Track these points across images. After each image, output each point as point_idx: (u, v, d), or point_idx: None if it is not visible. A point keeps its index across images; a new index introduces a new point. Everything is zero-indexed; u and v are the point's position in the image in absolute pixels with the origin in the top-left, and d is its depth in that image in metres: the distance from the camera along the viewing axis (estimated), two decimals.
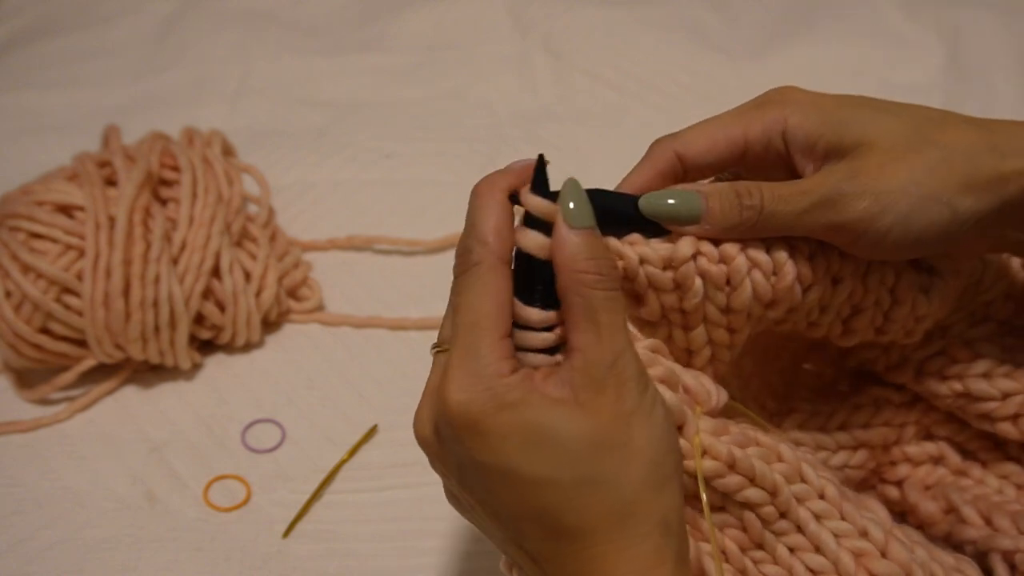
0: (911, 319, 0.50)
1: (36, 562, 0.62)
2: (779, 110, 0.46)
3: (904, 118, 0.45)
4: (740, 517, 0.45)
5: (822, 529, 0.44)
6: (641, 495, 0.39)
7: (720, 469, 0.43)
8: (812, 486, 0.45)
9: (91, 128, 0.86)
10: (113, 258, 0.69)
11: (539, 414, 0.39)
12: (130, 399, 0.74)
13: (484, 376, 0.39)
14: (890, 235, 0.43)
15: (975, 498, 0.54)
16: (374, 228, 0.87)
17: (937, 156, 0.44)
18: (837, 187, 0.43)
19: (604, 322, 0.40)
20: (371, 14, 1.18)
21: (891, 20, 1.09)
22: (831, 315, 0.49)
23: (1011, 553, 0.50)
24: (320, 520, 0.66)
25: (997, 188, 0.44)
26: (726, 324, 0.47)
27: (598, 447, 0.39)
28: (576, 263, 0.40)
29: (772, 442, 0.45)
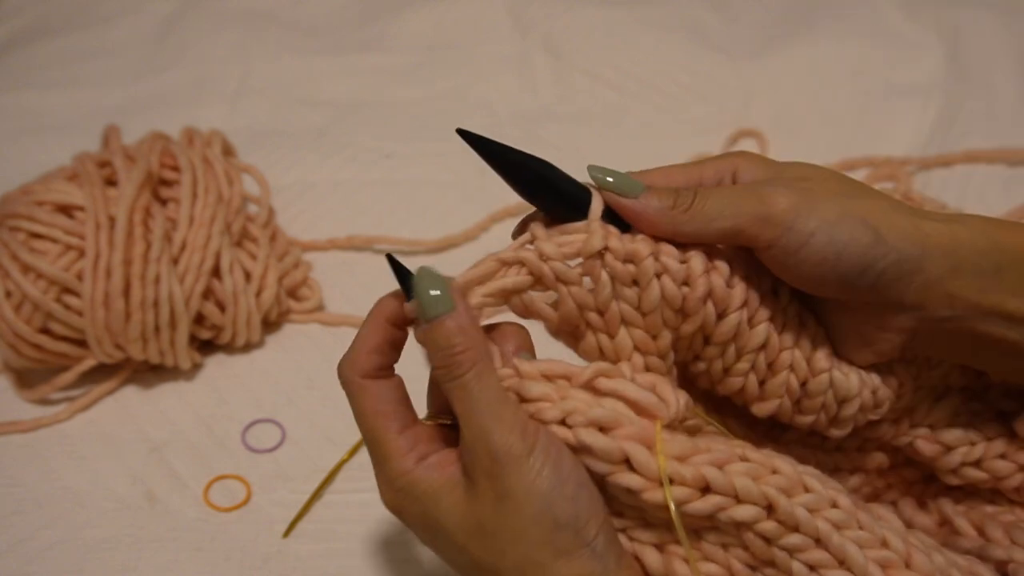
0: (831, 397, 0.48)
1: (36, 562, 0.62)
2: (732, 160, 0.48)
3: (838, 177, 0.47)
4: (739, 537, 0.43)
5: (845, 540, 0.42)
6: (530, 569, 0.41)
7: (689, 494, 0.42)
8: (820, 496, 0.43)
9: (91, 128, 0.86)
10: (113, 258, 0.69)
11: (431, 507, 0.44)
12: (130, 399, 0.74)
13: (392, 478, 0.45)
14: (814, 240, 0.43)
15: (968, 510, 0.54)
16: (374, 228, 0.87)
17: (862, 194, 0.46)
18: (766, 183, 0.46)
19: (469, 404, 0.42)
20: (371, 14, 1.18)
21: (891, 20, 1.09)
22: (747, 364, 0.48)
23: (1004, 564, 0.50)
24: (320, 520, 0.66)
25: (917, 235, 0.44)
26: (643, 325, 0.46)
27: (477, 535, 0.42)
28: (436, 360, 0.43)
29: (764, 457, 0.43)
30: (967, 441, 0.53)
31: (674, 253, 0.45)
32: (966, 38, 1.06)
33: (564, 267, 0.45)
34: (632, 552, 0.44)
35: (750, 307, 0.47)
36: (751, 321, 0.47)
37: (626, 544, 0.44)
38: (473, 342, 0.43)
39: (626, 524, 0.44)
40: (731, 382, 0.49)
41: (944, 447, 0.53)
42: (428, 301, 0.43)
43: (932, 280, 0.44)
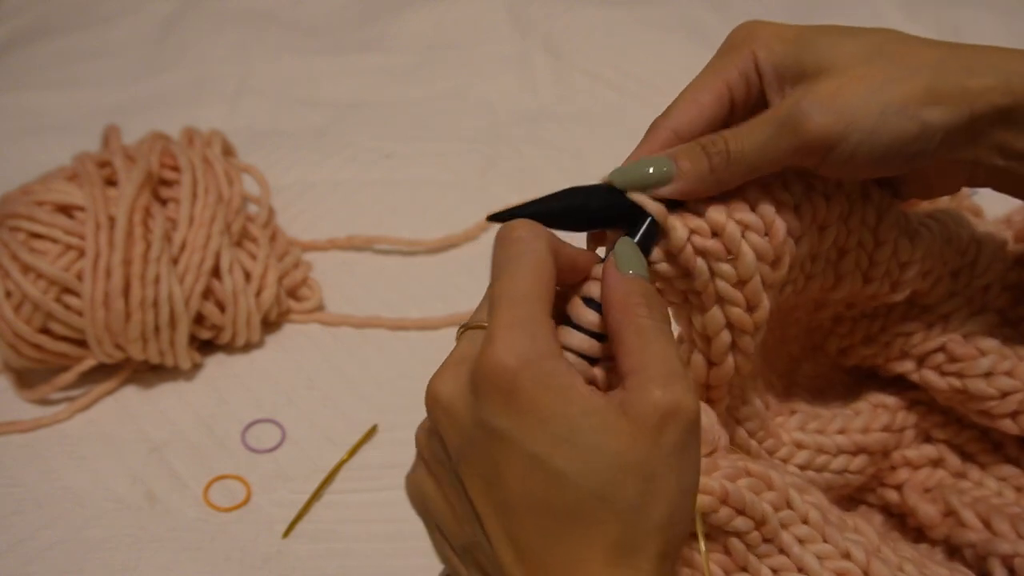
0: (894, 264, 0.50)
1: (36, 562, 0.62)
2: (747, 48, 0.46)
3: (865, 39, 0.45)
4: (724, 543, 0.46)
5: (805, 552, 0.45)
6: (654, 534, 0.37)
7: (713, 504, 0.44)
8: (797, 512, 0.46)
9: (91, 128, 0.86)
10: (113, 258, 0.69)
11: (583, 410, 0.37)
12: (130, 399, 0.74)
13: (538, 346, 0.37)
14: (859, 152, 0.43)
15: (974, 501, 0.54)
16: (374, 228, 0.87)
17: (899, 70, 0.43)
18: (795, 108, 0.43)
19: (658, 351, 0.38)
20: (371, 14, 1.18)
21: (891, 20, 1.09)
22: (821, 263, 0.49)
23: (1010, 557, 0.50)
24: (320, 520, 0.66)
25: (965, 102, 0.43)
26: (743, 302, 0.45)
27: (629, 472, 0.37)
28: (630, 299, 0.39)
29: (762, 470, 0.46)
30: (999, 352, 0.52)
31: (743, 206, 0.45)
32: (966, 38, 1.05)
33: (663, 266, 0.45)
34: None
35: (819, 217, 0.47)
36: (822, 226, 0.48)
37: None
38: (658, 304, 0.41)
39: None
40: (811, 284, 0.50)
41: (977, 350, 0.53)
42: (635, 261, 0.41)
43: (982, 135, 0.44)
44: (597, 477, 0.36)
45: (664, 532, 0.37)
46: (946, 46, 0.45)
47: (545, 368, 0.37)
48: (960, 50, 0.44)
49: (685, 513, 0.38)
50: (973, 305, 0.54)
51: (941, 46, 0.45)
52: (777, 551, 0.45)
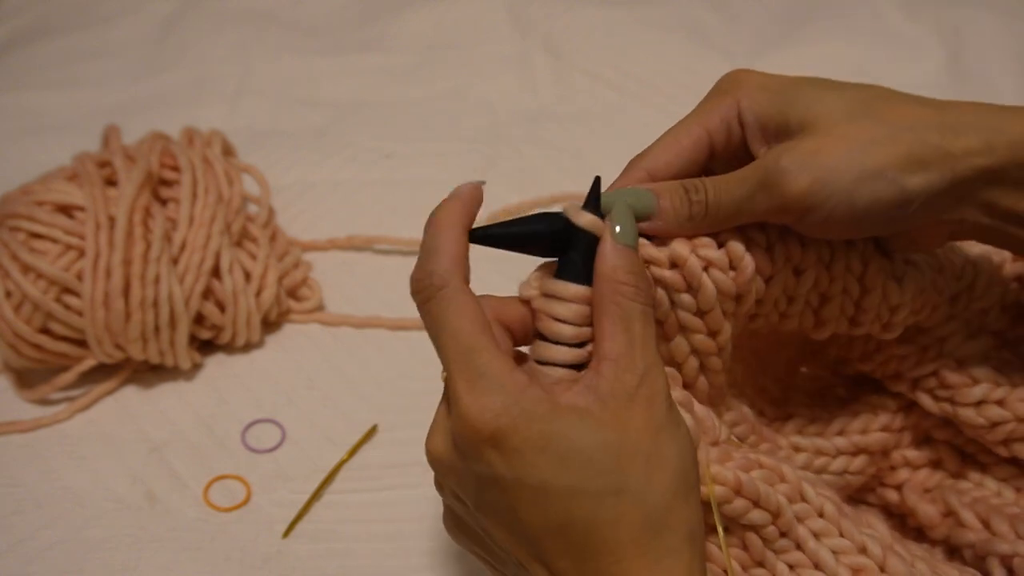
0: (884, 308, 0.50)
1: (36, 562, 0.62)
2: (732, 97, 0.46)
3: (849, 96, 0.44)
4: (742, 537, 0.45)
5: (821, 547, 0.45)
6: (672, 505, 0.39)
7: (728, 495, 0.44)
8: (812, 505, 0.45)
9: (91, 128, 0.86)
10: (113, 258, 0.69)
11: (567, 425, 0.39)
12: (130, 399, 0.74)
13: (505, 392, 0.39)
14: (835, 214, 0.43)
15: (973, 501, 0.54)
16: (374, 228, 0.87)
17: (880, 131, 0.43)
18: (775, 167, 0.42)
19: (638, 333, 0.40)
20: (371, 14, 1.18)
21: (891, 20, 1.09)
22: (800, 305, 0.49)
23: (1009, 557, 0.50)
24: (320, 520, 0.66)
25: (947, 165, 0.42)
26: (704, 329, 0.46)
27: (626, 457, 0.39)
28: (617, 274, 0.41)
29: (774, 463, 0.46)
30: (993, 380, 0.52)
31: (710, 242, 0.45)
32: (966, 38, 1.06)
33: None
34: None
35: (793, 259, 0.47)
36: (797, 269, 0.48)
37: None
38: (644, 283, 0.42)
39: None
40: (787, 323, 0.50)
41: (970, 378, 0.52)
42: (628, 231, 0.42)
43: (966, 197, 0.44)
44: (603, 478, 0.38)
45: (680, 501, 0.39)
46: (931, 105, 0.44)
47: (520, 407, 0.39)
48: (944, 109, 0.44)
49: (691, 481, 0.40)
50: (970, 327, 0.54)
51: (926, 105, 0.44)
52: (794, 546, 0.45)
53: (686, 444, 0.40)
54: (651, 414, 0.39)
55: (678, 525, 0.39)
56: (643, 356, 0.40)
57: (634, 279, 0.41)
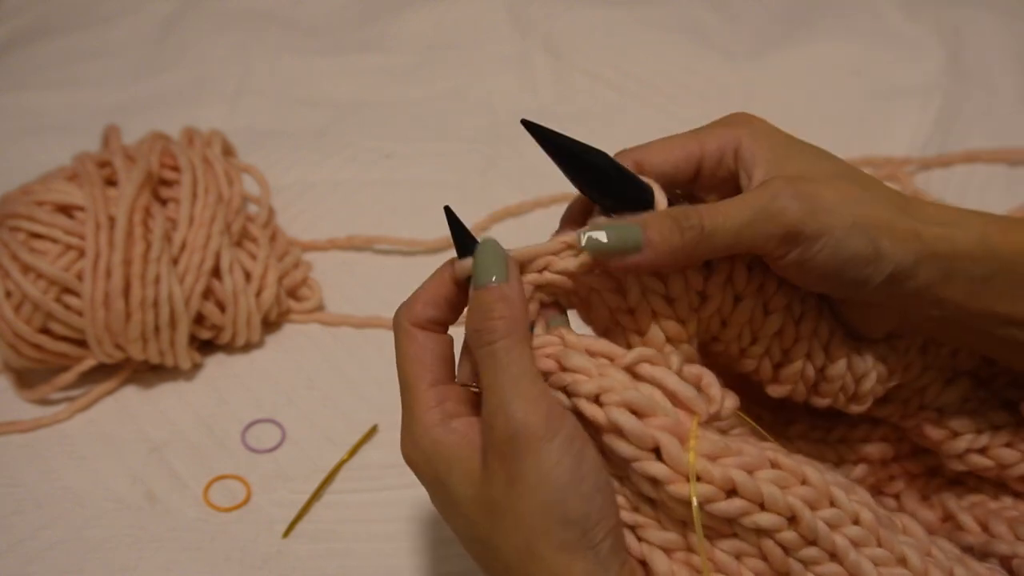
0: (850, 379, 0.49)
1: (36, 562, 0.62)
2: (736, 130, 0.47)
3: (842, 165, 0.47)
4: (757, 545, 0.41)
5: (862, 558, 0.41)
6: (526, 565, 0.40)
7: (714, 493, 0.41)
8: (845, 511, 0.42)
9: (91, 128, 0.86)
10: (113, 258, 0.69)
11: (444, 472, 0.43)
12: (130, 399, 0.74)
13: (414, 431, 0.44)
14: (820, 256, 0.44)
15: (972, 505, 0.54)
16: (374, 228, 0.87)
17: (870, 195, 0.45)
18: (776, 197, 0.43)
19: (495, 373, 0.41)
20: (371, 14, 1.18)
21: (891, 20, 1.09)
22: (761, 348, 0.48)
23: (1008, 559, 0.50)
24: (320, 520, 0.66)
25: (915, 244, 0.44)
26: (674, 315, 0.46)
27: (485, 511, 0.41)
28: (471, 323, 0.43)
29: (795, 464, 0.42)
30: (973, 428, 0.53)
31: None
32: (966, 38, 1.06)
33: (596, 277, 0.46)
34: (639, 555, 0.43)
35: (766, 293, 0.47)
36: (767, 307, 0.48)
37: (634, 545, 0.43)
38: (514, 314, 0.42)
39: (639, 522, 0.43)
40: (746, 363, 0.49)
41: (951, 432, 0.53)
42: (483, 266, 0.43)
43: (922, 286, 0.45)
44: (470, 527, 0.43)
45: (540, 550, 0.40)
46: (901, 196, 0.47)
47: (421, 445, 0.44)
48: (920, 201, 0.47)
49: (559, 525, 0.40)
50: (945, 373, 0.53)
51: (897, 193, 0.47)
52: (827, 557, 0.41)
53: (554, 497, 0.40)
54: (512, 466, 0.40)
55: (539, 572, 0.40)
56: (503, 405, 0.40)
57: (500, 314, 0.42)
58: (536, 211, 0.88)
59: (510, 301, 0.42)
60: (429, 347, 0.45)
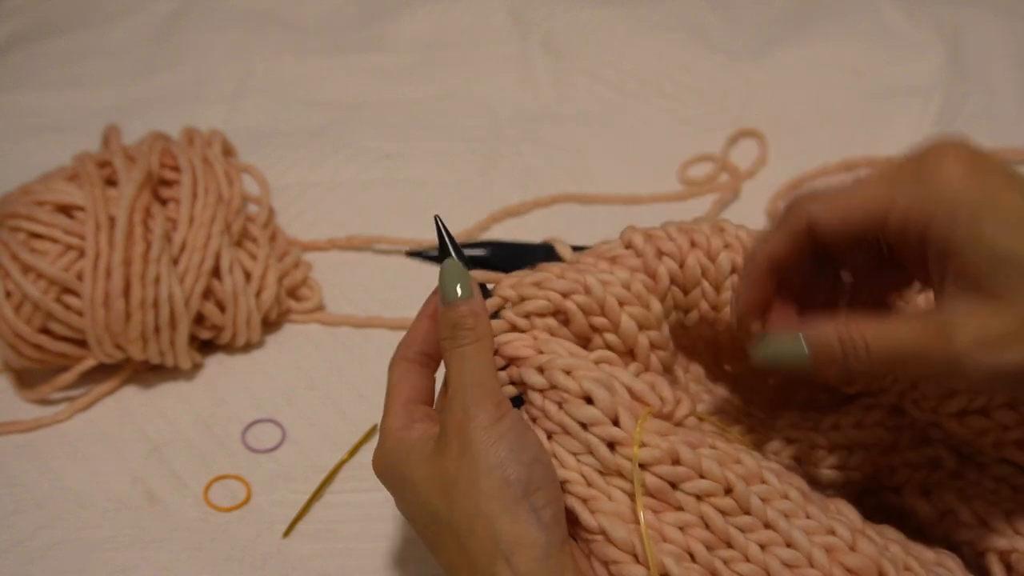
0: None
1: (36, 562, 0.62)
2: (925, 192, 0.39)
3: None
4: (699, 513, 0.45)
5: (792, 526, 0.45)
6: (474, 528, 0.43)
7: (659, 456, 0.45)
8: (774, 488, 0.46)
9: (91, 128, 0.86)
10: (113, 258, 0.69)
11: (403, 462, 0.47)
12: (130, 399, 0.74)
13: (381, 439, 0.50)
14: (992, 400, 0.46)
15: (971, 499, 0.54)
16: (374, 228, 0.87)
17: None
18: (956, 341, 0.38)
19: (461, 368, 0.47)
20: (371, 14, 1.18)
21: (891, 20, 1.09)
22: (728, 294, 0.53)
23: (1007, 553, 0.50)
24: (320, 520, 0.66)
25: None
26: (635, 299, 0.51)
27: (438, 485, 0.45)
28: (442, 330, 0.49)
29: (731, 448, 0.47)
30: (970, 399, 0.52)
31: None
32: (966, 38, 1.06)
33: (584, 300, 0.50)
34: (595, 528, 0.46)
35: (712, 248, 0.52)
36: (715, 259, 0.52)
37: (589, 519, 0.46)
38: (481, 325, 0.49)
39: (592, 495, 0.46)
40: (723, 314, 0.53)
41: (948, 390, 0.52)
42: (450, 288, 0.49)
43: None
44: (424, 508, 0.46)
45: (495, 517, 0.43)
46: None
47: (382, 445, 0.50)
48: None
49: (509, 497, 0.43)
50: None
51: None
52: (761, 525, 0.45)
53: (496, 462, 0.44)
54: (461, 439, 0.45)
55: (483, 548, 0.43)
56: (458, 392, 0.46)
57: (464, 325, 0.48)
58: (536, 211, 0.88)
59: (476, 314, 0.49)
60: (411, 375, 0.51)
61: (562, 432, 0.47)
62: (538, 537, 0.43)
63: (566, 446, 0.47)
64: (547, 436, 0.48)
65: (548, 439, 0.48)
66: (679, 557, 0.44)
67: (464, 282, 0.49)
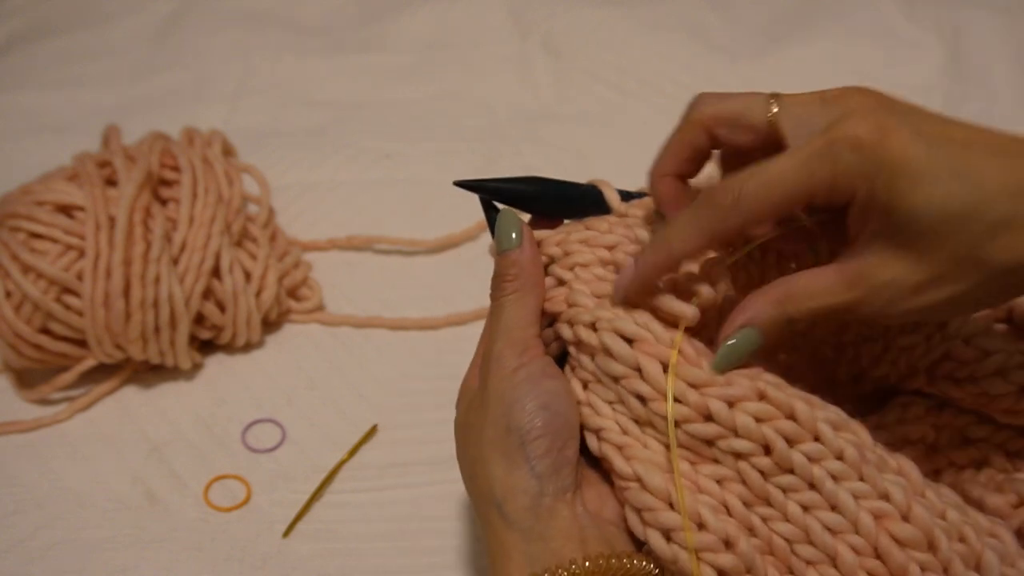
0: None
1: (36, 562, 0.62)
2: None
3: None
4: (736, 468, 0.44)
5: (839, 488, 0.42)
6: (476, 471, 0.46)
7: (688, 414, 0.44)
8: (829, 446, 0.43)
9: (91, 128, 0.86)
10: (113, 258, 0.69)
11: (462, 397, 0.50)
12: (130, 399, 0.74)
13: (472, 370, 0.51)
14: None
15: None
16: (374, 228, 0.87)
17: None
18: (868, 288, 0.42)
19: (496, 317, 0.48)
20: (371, 14, 1.18)
21: (891, 20, 1.09)
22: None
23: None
24: (320, 520, 0.66)
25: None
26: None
27: (463, 424, 0.48)
28: (493, 279, 0.50)
29: (784, 398, 0.43)
30: (1004, 349, 0.51)
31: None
32: (966, 38, 1.06)
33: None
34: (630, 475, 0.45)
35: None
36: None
37: (623, 466, 0.45)
38: (524, 275, 0.49)
39: (627, 442, 0.46)
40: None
41: (982, 351, 0.52)
42: (502, 235, 0.50)
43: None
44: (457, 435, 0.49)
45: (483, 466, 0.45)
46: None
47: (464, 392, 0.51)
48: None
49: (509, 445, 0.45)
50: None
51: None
52: (806, 486, 0.43)
53: (503, 408, 0.45)
54: (483, 388, 0.47)
55: (481, 493, 0.45)
56: (491, 341, 0.48)
57: (496, 282, 0.49)
58: None
59: (520, 265, 0.49)
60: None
61: (595, 381, 0.47)
62: (528, 486, 0.44)
63: (601, 395, 0.47)
64: (583, 386, 0.47)
65: (584, 388, 0.47)
66: (715, 509, 0.43)
67: (516, 230, 0.49)
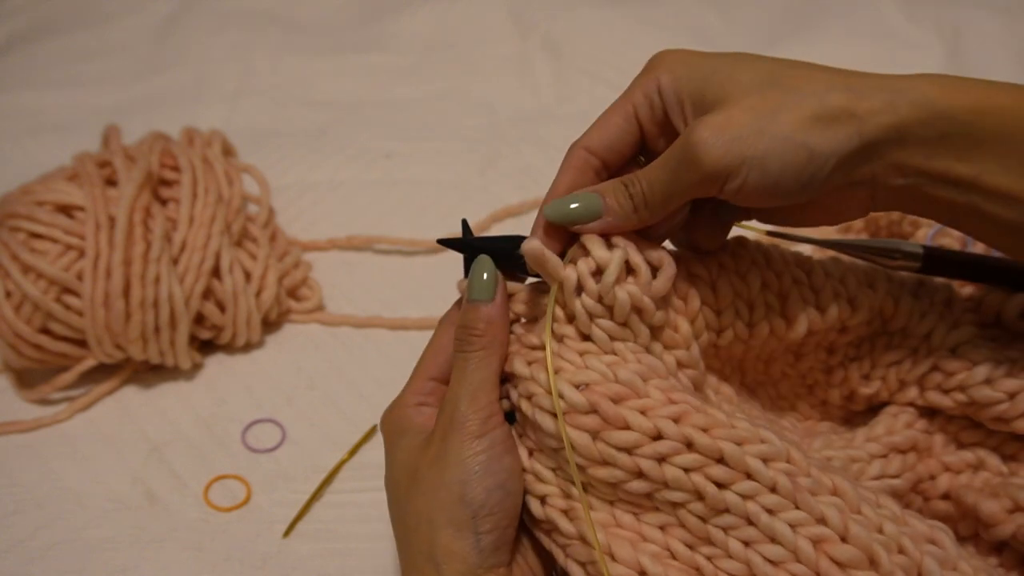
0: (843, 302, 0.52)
1: (36, 562, 0.62)
2: (654, 73, 0.47)
3: (760, 68, 0.46)
4: (675, 515, 0.45)
5: (775, 521, 0.44)
6: (420, 529, 0.45)
7: (623, 477, 0.44)
8: (762, 481, 0.44)
9: (91, 128, 0.87)
10: (113, 258, 0.69)
11: (395, 440, 0.49)
12: (130, 399, 0.74)
13: (396, 404, 0.50)
14: (750, 181, 0.43)
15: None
16: (374, 228, 0.87)
17: (786, 98, 0.44)
18: (689, 142, 0.44)
19: (461, 375, 0.47)
20: (371, 14, 1.18)
21: (891, 20, 1.09)
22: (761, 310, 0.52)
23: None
24: (320, 520, 0.66)
25: (851, 126, 0.44)
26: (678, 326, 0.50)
27: (408, 478, 0.47)
28: (458, 327, 0.48)
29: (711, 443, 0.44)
30: (991, 360, 0.52)
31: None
32: (966, 38, 1.06)
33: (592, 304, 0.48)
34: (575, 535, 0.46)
35: (740, 268, 0.51)
36: (745, 278, 0.51)
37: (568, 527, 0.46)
38: (493, 333, 0.48)
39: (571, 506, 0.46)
40: (758, 331, 0.52)
41: (969, 361, 0.52)
42: (477, 284, 0.48)
43: (876, 157, 0.45)
44: (392, 487, 0.49)
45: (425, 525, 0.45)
46: (837, 72, 0.46)
47: (391, 419, 0.50)
48: (850, 75, 0.46)
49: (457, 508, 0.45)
50: (947, 321, 0.54)
51: (832, 72, 0.46)
52: (744, 522, 0.44)
53: (460, 478, 0.44)
54: (441, 446, 0.46)
55: (418, 550, 0.45)
56: (453, 397, 0.46)
57: (462, 331, 0.48)
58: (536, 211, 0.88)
59: (490, 320, 0.48)
60: (446, 352, 0.50)
61: (538, 450, 0.47)
62: (469, 556, 0.44)
63: (543, 463, 0.47)
64: (528, 453, 0.48)
65: (529, 456, 0.48)
66: (657, 556, 0.45)
67: (489, 283, 0.48)
